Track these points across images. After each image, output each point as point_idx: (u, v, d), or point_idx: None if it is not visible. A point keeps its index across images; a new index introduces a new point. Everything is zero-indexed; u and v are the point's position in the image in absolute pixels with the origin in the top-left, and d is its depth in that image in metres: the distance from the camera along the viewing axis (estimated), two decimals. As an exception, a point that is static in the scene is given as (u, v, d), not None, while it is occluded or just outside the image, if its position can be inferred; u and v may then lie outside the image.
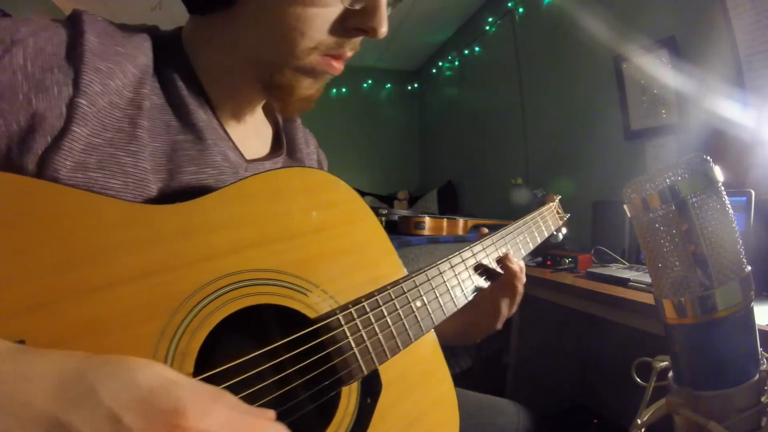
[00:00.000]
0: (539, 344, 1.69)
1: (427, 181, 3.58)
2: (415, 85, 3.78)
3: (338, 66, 0.48)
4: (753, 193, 1.06)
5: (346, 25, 0.45)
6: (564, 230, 0.86)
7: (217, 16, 0.45)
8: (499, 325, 0.65)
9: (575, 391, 1.84)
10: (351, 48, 0.48)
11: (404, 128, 3.85)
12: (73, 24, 0.41)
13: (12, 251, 0.30)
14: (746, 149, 1.21)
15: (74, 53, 0.39)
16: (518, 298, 0.65)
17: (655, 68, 1.54)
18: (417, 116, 3.90)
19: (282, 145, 0.60)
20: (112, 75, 0.40)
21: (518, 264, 0.64)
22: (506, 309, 0.64)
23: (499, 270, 0.63)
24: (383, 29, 0.45)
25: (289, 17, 0.42)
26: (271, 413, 0.32)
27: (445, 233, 1.72)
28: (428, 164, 3.74)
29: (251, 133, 0.55)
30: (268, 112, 0.61)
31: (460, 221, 1.78)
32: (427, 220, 1.66)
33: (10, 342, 0.27)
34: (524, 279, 0.65)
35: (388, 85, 3.73)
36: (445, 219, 1.73)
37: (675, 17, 1.48)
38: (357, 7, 0.43)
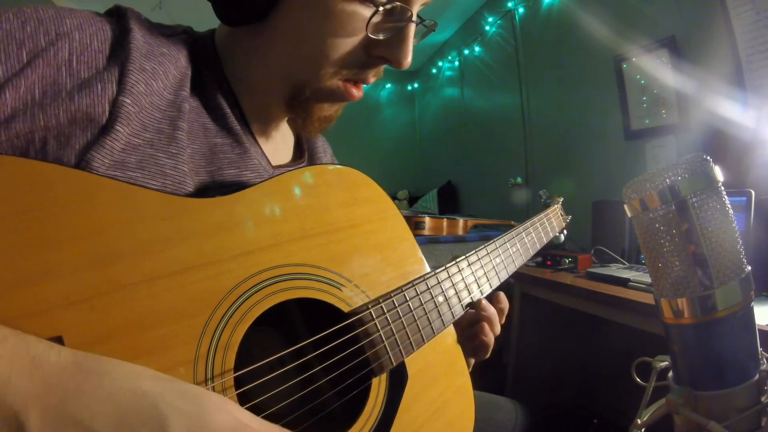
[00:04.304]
0: (539, 344, 1.69)
1: (427, 181, 3.58)
2: (415, 85, 3.78)
3: (357, 93, 0.48)
4: (753, 193, 1.06)
5: (371, 53, 0.45)
6: (565, 232, 0.87)
7: (252, 29, 0.45)
8: (487, 354, 0.58)
9: (575, 391, 1.84)
10: (374, 74, 0.49)
11: (404, 128, 3.85)
12: (119, 20, 0.41)
13: (49, 244, 0.29)
14: (746, 149, 1.22)
15: (121, 51, 0.38)
16: (491, 338, 0.56)
17: (655, 68, 1.54)
18: (417, 116, 3.90)
19: (303, 152, 0.61)
20: (155, 76, 0.40)
21: (497, 307, 0.58)
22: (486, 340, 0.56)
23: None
24: (407, 60, 0.45)
25: (316, 41, 0.43)
26: None
27: (445, 233, 1.72)
28: (428, 164, 3.75)
29: (276, 140, 0.56)
30: (290, 120, 0.61)
31: (460, 221, 1.78)
32: (427, 220, 1.66)
33: (74, 352, 0.26)
34: (497, 327, 0.57)
35: (388, 85, 3.73)
36: (445, 219, 1.73)
37: (675, 17, 1.48)
38: (381, 37, 0.44)
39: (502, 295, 0.59)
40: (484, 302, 0.57)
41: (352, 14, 0.42)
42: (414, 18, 0.44)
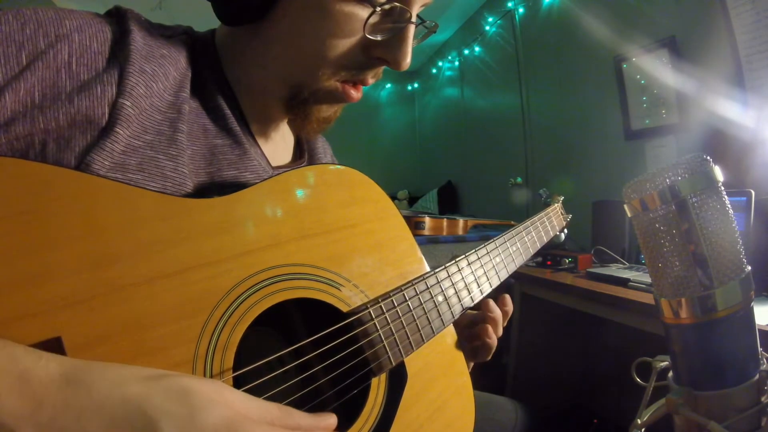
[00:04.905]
0: (539, 344, 1.69)
1: (427, 181, 3.58)
2: (415, 85, 3.78)
3: (356, 94, 0.48)
4: (753, 193, 1.06)
5: (369, 54, 0.45)
6: (565, 231, 0.87)
7: (251, 29, 0.45)
8: (489, 356, 0.57)
9: (575, 391, 1.84)
10: (373, 76, 0.48)
11: (404, 128, 3.85)
12: (118, 21, 0.41)
13: (49, 245, 0.29)
14: (746, 149, 1.21)
15: (120, 53, 0.38)
16: (494, 340, 0.55)
17: (655, 68, 1.54)
18: (417, 116, 3.90)
19: (303, 153, 0.60)
20: (155, 78, 0.40)
21: (503, 309, 0.57)
22: (489, 341, 0.56)
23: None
24: (406, 62, 0.45)
25: (314, 41, 0.43)
26: (332, 420, 0.34)
27: (445, 233, 1.72)
28: (428, 164, 3.75)
29: (276, 141, 0.56)
30: (290, 121, 0.61)
31: (460, 221, 1.78)
32: (427, 220, 1.66)
33: (62, 362, 0.26)
34: (500, 330, 0.57)
35: (388, 85, 3.73)
36: (445, 219, 1.73)
37: (675, 17, 1.48)
38: (379, 38, 0.43)
39: (507, 297, 0.59)
40: (491, 304, 0.56)
41: (349, 15, 0.41)
42: (413, 19, 0.44)
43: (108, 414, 0.24)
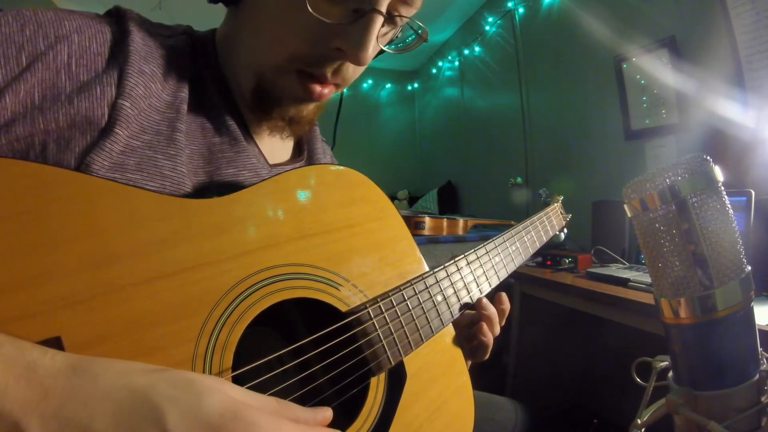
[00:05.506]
0: (539, 344, 1.69)
1: (427, 181, 3.58)
2: (415, 85, 3.78)
3: (319, 90, 0.45)
4: (753, 193, 1.06)
5: (327, 44, 0.41)
6: (565, 230, 0.87)
7: (240, 20, 0.45)
8: (486, 355, 0.58)
9: (575, 391, 1.84)
10: (334, 72, 0.45)
11: (404, 128, 3.85)
12: (118, 22, 0.41)
13: (48, 245, 0.29)
14: (746, 149, 1.21)
15: (120, 54, 0.38)
16: (490, 339, 0.56)
17: (655, 68, 1.54)
18: (417, 116, 3.90)
19: (303, 152, 0.60)
20: (154, 78, 0.40)
21: (499, 308, 0.58)
22: (485, 340, 0.56)
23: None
24: (363, 54, 0.40)
25: (271, 29, 0.42)
26: (328, 413, 0.35)
27: (445, 233, 1.72)
28: (428, 164, 3.74)
29: (274, 139, 0.55)
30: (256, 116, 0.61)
31: (460, 221, 1.78)
32: (427, 220, 1.66)
33: (67, 355, 0.26)
34: (497, 328, 0.57)
35: (389, 85, 3.73)
36: (445, 219, 1.73)
37: (675, 17, 1.48)
38: (328, 21, 0.39)
39: (504, 295, 0.59)
40: (485, 301, 0.56)
41: None
42: (381, 9, 0.40)
43: (114, 401, 0.24)
